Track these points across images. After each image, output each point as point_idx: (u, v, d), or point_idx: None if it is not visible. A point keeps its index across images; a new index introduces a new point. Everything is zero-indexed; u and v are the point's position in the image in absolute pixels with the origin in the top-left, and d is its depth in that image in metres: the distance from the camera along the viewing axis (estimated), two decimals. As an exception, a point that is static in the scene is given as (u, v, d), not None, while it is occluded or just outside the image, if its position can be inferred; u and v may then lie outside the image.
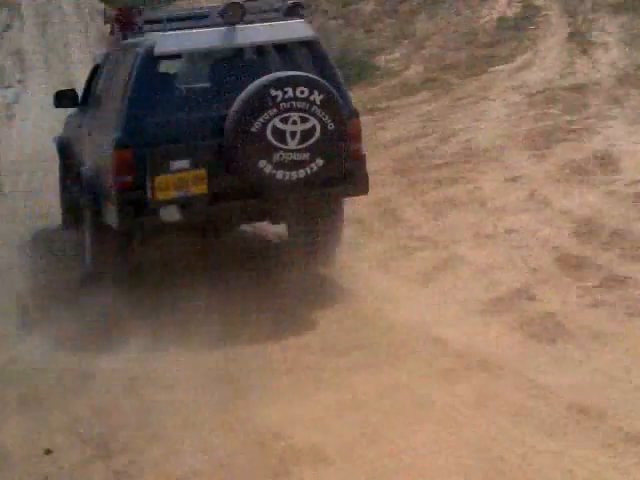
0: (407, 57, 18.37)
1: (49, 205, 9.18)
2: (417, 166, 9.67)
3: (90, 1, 30.77)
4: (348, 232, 7.58)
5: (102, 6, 30.13)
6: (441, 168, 9.36)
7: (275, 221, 6.96)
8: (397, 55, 18.82)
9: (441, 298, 5.98)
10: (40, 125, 14.53)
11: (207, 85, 6.48)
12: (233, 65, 6.51)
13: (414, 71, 17.00)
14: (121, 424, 4.47)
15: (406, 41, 19.61)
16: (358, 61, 18.30)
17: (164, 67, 6.45)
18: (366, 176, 6.45)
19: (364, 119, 13.30)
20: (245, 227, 7.67)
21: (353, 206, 8.47)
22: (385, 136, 11.65)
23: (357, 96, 15.86)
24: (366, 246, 7.24)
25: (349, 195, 6.63)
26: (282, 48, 6.35)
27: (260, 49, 6.48)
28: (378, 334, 5.39)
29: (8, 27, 28.59)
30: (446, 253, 6.83)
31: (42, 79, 22.00)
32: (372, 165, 10.08)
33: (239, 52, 6.62)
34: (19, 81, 23.86)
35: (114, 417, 4.56)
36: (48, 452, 4.24)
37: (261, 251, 7.41)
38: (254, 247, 7.61)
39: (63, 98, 8.39)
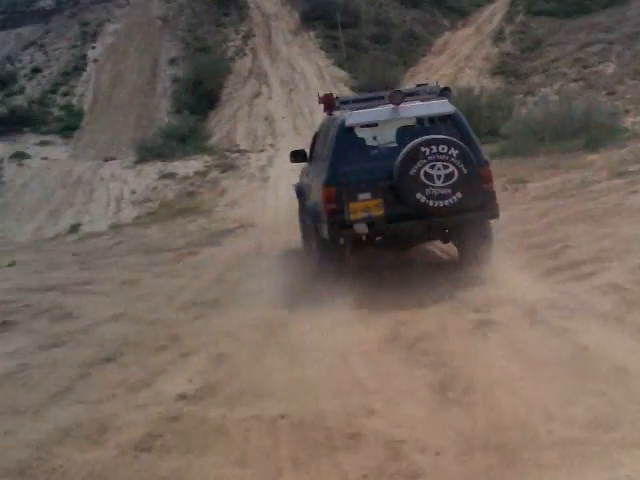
0: (655, 119, 17.77)
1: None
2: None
3: (331, 70, 32.06)
4: (605, 302, 7.41)
5: (342, 74, 31.64)
6: None
7: (444, 240, 9.82)
8: (644, 117, 18.25)
9: None
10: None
11: (381, 144, 9.26)
12: (398, 131, 9.24)
13: (664, 133, 16.38)
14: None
15: (653, 102, 18.99)
16: (603, 123, 17.89)
17: (353, 133, 9.24)
18: (497, 206, 9.05)
19: (614, 182, 13.16)
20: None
21: (608, 273, 8.29)
22: (638, 201, 11.29)
23: (604, 159, 15.55)
24: (628, 316, 6.98)
25: (483, 219, 9.06)
26: (432, 119, 9.24)
27: (416, 120, 9.27)
28: (649, 409, 5.15)
29: (258, 95, 30.41)
30: None
31: (291, 143, 23.21)
32: (625, 230, 9.89)
33: (401, 122, 9.29)
34: (271, 145, 25.35)
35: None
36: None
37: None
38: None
39: (296, 156, 11.53)
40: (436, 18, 37.71)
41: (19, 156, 26.51)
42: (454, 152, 8.52)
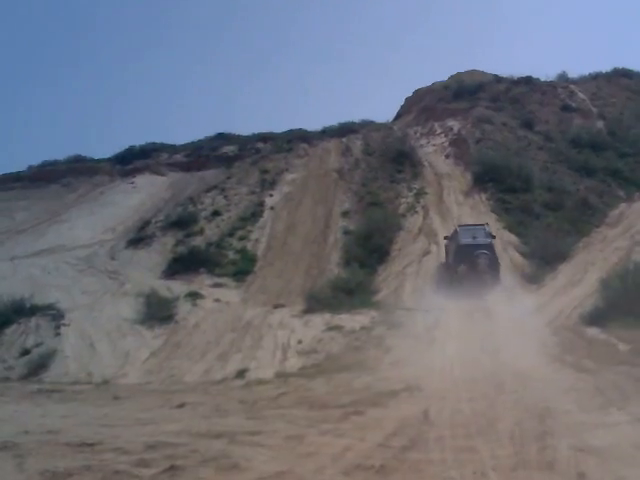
0: None
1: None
2: None
3: (502, 233, 31.92)
4: None
5: (513, 238, 31.42)
6: None
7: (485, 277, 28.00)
8: None
9: None
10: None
11: (470, 246, 28.01)
12: (475, 244, 28.20)
13: None
14: None
15: None
16: None
17: (462, 242, 28.29)
18: (499, 266, 28.45)
19: None
20: None
21: None
22: None
23: None
24: None
25: (497, 266, 28.16)
26: (486, 242, 28.50)
27: (480, 241, 28.50)
28: None
29: (427, 253, 30.82)
30: None
31: (461, 305, 23.39)
32: None
33: (477, 241, 28.44)
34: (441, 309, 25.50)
35: None
36: None
37: None
38: None
39: (446, 238, 30.63)
40: (611, 188, 37.26)
41: (193, 296, 27.70)
42: (487, 253, 27.40)
